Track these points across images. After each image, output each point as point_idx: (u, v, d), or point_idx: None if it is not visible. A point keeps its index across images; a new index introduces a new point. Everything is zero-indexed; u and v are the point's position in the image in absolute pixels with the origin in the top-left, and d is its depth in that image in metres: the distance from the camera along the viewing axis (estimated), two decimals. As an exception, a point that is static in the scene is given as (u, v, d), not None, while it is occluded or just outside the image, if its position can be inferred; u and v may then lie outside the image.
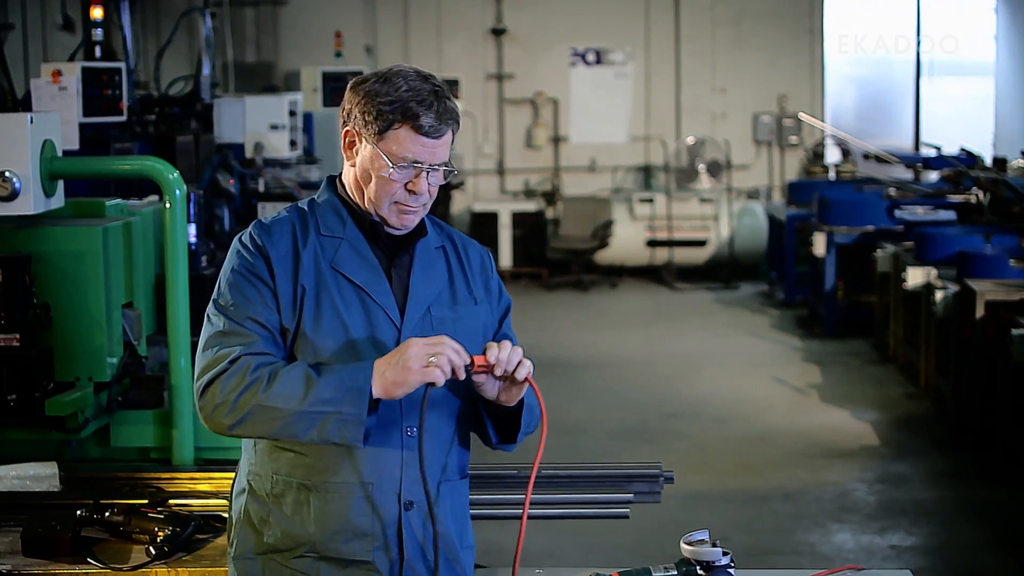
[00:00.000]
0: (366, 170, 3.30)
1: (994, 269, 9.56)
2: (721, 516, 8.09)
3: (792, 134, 18.53)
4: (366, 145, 3.29)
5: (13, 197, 4.48)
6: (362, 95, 3.28)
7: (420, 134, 3.25)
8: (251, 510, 3.32)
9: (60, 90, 5.88)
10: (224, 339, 3.22)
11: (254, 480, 3.33)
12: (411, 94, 3.25)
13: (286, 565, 3.27)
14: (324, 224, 3.34)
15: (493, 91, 18.74)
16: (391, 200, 3.30)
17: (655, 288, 17.49)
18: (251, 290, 3.25)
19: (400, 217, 3.32)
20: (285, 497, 3.28)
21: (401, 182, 3.28)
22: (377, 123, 3.25)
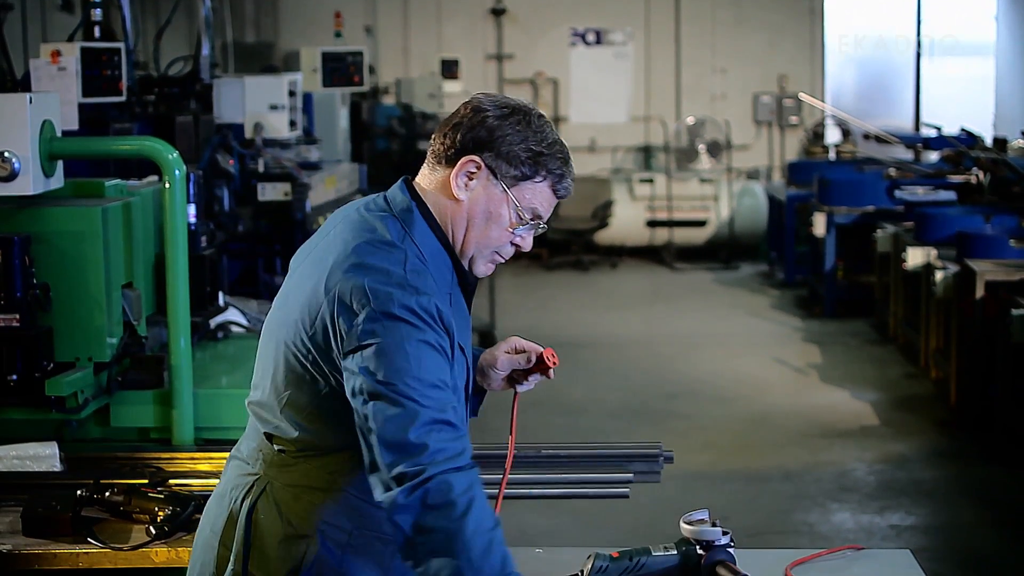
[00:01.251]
0: (486, 212, 3.05)
1: (994, 249, 9.56)
2: (721, 496, 8.10)
3: (792, 114, 18.52)
4: (495, 187, 3.04)
5: (12, 177, 4.47)
6: (506, 128, 3.02)
7: (556, 195, 3.10)
8: (322, 561, 3.03)
9: (59, 70, 5.86)
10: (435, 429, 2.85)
11: (328, 530, 3.03)
12: (558, 148, 3.06)
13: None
14: (441, 277, 3.05)
15: (493, 71, 18.70)
16: (494, 250, 3.10)
17: (655, 268, 17.50)
18: (447, 373, 2.91)
19: (488, 267, 3.13)
20: (366, 549, 3.05)
21: (516, 236, 3.09)
22: (521, 170, 3.03)
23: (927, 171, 12.90)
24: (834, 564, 3.55)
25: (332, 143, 10.45)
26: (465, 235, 3.08)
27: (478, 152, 3.03)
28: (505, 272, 16.67)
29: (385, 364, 2.87)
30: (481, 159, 3.03)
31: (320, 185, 9.07)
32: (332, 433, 3.03)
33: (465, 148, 3.04)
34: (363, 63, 9.88)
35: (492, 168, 3.03)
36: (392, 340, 2.87)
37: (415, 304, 2.89)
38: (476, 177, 3.05)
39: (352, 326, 2.91)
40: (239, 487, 3.14)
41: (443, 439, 2.85)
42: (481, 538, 2.85)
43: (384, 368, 2.87)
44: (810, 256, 14.72)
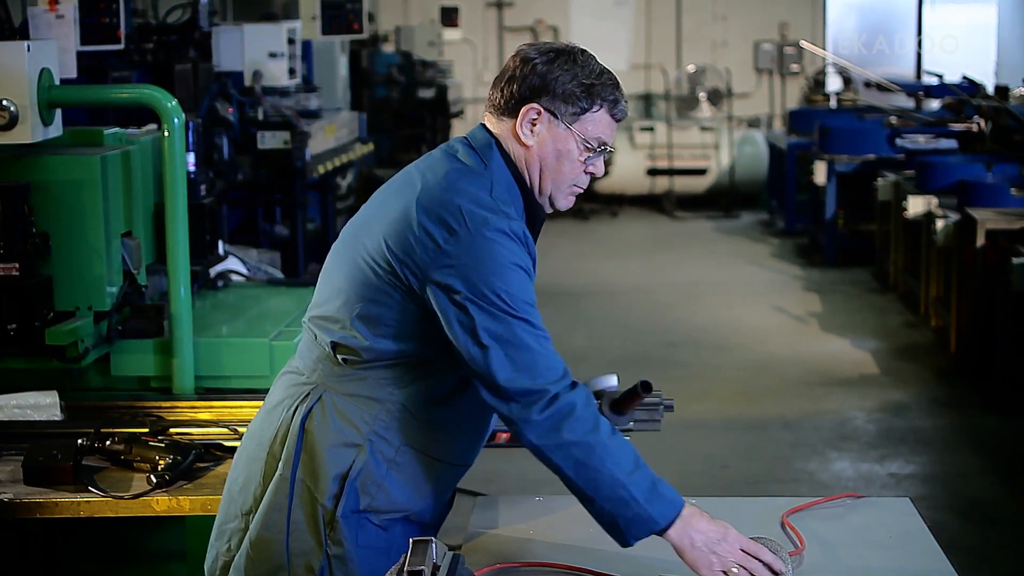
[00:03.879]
0: (555, 151, 3.22)
1: (995, 198, 9.54)
2: (721, 444, 8.13)
3: (793, 62, 18.46)
4: (558, 126, 3.21)
5: (11, 126, 4.46)
6: (555, 74, 3.20)
7: (615, 119, 3.26)
8: (367, 471, 3.19)
9: (57, 18, 5.83)
10: (549, 350, 3.10)
11: (377, 441, 3.20)
12: (607, 76, 3.25)
13: (374, 522, 3.23)
14: (516, 210, 3.23)
15: (493, 19, 18.65)
16: (573, 183, 3.27)
17: (655, 217, 17.49)
18: (533, 295, 3.14)
19: (569, 199, 3.31)
20: (408, 468, 3.23)
21: (587, 165, 3.26)
22: (579, 104, 3.20)
23: (928, 119, 12.86)
24: (833, 512, 3.56)
25: (331, 91, 10.43)
26: (541, 176, 3.26)
27: (535, 99, 3.21)
28: (505, 221, 16.64)
29: (487, 281, 3.07)
30: (540, 104, 3.21)
31: (319, 133, 9.06)
32: (400, 344, 3.18)
33: (523, 98, 3.22)
34: (362, 11, 9.84)
35: (551, 111, 3.21)
36: (491, 259, 3.08)
37: (507, 227, 3.10)
38: (539, 122, 3.22)
39: (449, 243, 3.09)
40: (292, 396, 3.30)
41: (550, 354, 3.10)
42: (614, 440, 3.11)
43: (487, 285, 3.07)
44: (811, 204, 14.71)
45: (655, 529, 3.09)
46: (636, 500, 3.07)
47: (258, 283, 5.99)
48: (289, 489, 3.24)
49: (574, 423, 3.06)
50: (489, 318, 3.06)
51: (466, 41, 18.09)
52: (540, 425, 3.06)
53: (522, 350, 3.06)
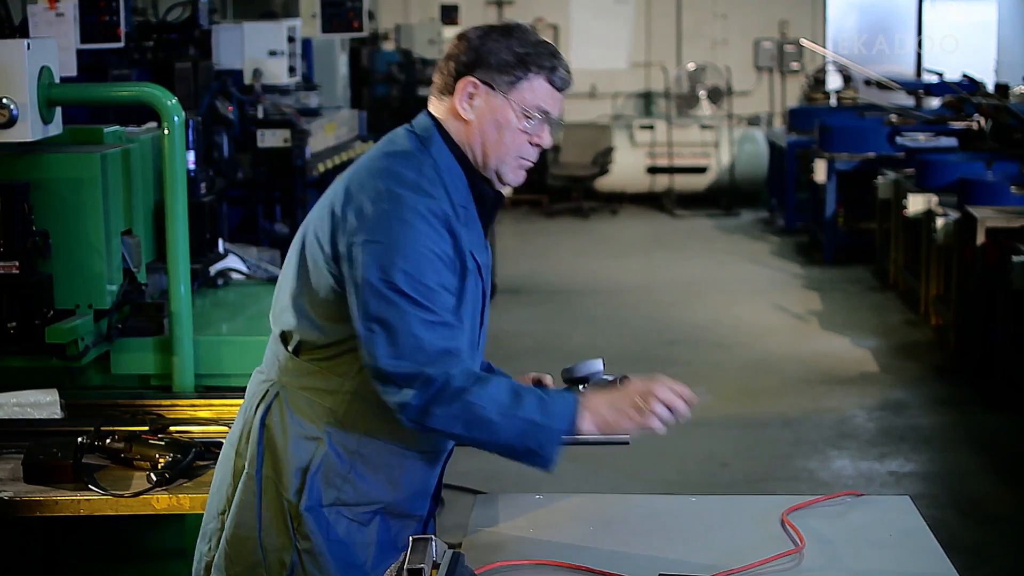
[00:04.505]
0: (495, 122, 3.21)
1: (995, 196, 9.54)
2: (721, 442, 8.12)
3: (793, 60, 18.46)
4: (495, 97, 3.21)
5: (11, 124, 4.46)
6: (488, 45, 3.21)
7: (554, 86, 3.24)
8: (329, 464, 3.21)
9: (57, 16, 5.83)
10: (434, 330, 3.06)
11: (334, 433, 3.22)
12: (543, 46, 3.24)
13: (348, 517, 3.23)
14: (454, 191, 3.21)
15: (493, 17, 18.64)
16: (517, 154, 3.25)
17: (655, 215, 17.49)
18: (447, 277, 3.12)
19: (517, 173, 3.29)
20: (374, 459, 3.24)
21: (531, 135, 3.24)
22: (513, 73, 3.20)
23: (928, 117, 12.86)
24: (833, 510, 3.56)
25: (331, 89, 10.42)
26: (483, 150, 3.24)
27: (471, 72, 3.22)
28: (505, 219, 16.66)
29: (390, 263, 3.06)
30: (475, 77, 3.22)
31: (319, 132, 9.05)
32: (342, 331, 3.18)
33: (459, 73, 3.23)
34: (362, 9, 9.84)
35: (487, 82, 3.21)
36: (398, 241, 3.07)
37: (424, 208, 3.10)
38: (477, 95, 3.23)
39: (362, 223, 3.11)
40: (255, 395, 3.34)
41: (440, 337, 3.06)
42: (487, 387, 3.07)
43: (382, 265, 3.07)
44: (811, 203, 14.71)
45: (565, 433, 3.11)
46: (534, 422, 3.08)
47: (258, 281, 5.98)
48: (256, 487, 3.27)
49: (450, 398, 3.05)
50: (381, 301, 3.06)
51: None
52: (417, 409, 3.06)
53: (406, 336, 3.05)
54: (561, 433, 3.10)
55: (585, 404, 3.13)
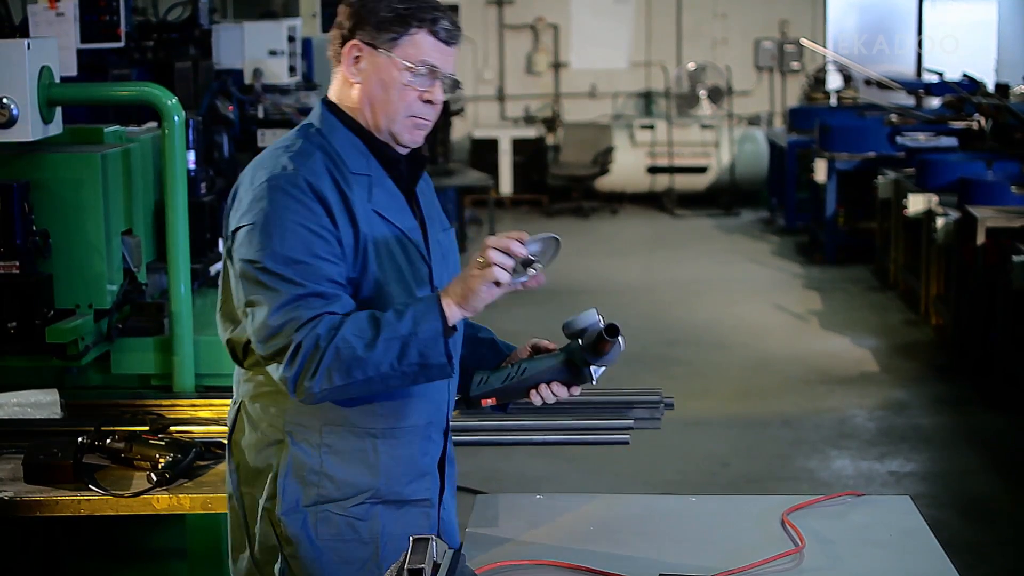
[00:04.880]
0: (381, 82, 3.15)
1: (995, 196, 9.54)
2: (721, 442, 8.13)
3: (793, 60, 18.46)
4: (379, 56, 3.14)
5: (11, 124, 4.46)
6: (369, 6, 3.15)
7: (437, 39, 3.16)
8: (297, 462, 3.16)
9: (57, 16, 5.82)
10: (303, 302, 3.00)
11: (296, 431, 3.16)
12: (426, 1, 3.16)
13: (341, 514, 3.17)
14: (350, 160, 3.15)
15: (493, 16, 18.64)
16: (407, 113, 3.17)
17: (656, 215, 17.49)
18: (320, 244, 3.04)
19: (413, 132, 3.20)
20: (342, 446, 3.16)
21: (419, 90, 3.15)
22: (393, 29, 3.12)
23: (929, 117, 12.86)
24: (833, 510, 3.56)
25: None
26: (373, 111, 3.19)
27: (353, 36, 3.18)
28: (505, 218, 16.67)
29: (251, 244, 3.05)
30: (358, 40, 3.17)
31: (320, 131, 9.03)
32: None
33: (344, 39, 3.20)
34: (363, 8, 9.81)
35: (369, 43, 3.16)
36: (264, 221, 3.04)
37: (286, 183, 3.05)
38: (362, 58, 3.18)
39: (235, 214, 3.13)
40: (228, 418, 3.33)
41: (311, 308, 2.99)
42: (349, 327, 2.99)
43: (251, 248, 3.05)
44: (811, 202, 14.71)
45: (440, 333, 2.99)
46: (401, 336, 2.98)
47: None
48: (239, 507, 3.26)
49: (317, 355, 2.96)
50: (252, 284, 3.05)
51: (466, 39, 18.07)
52: (294, 380, 2.99)
53: (275, 315, 3.00)
54: (433, 333, 2.99)
55: (443, 291, 3.04)
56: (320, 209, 3.05)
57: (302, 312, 2.99)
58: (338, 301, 3.03)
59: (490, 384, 3.25)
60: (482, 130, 18.16)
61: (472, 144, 17.93)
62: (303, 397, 3.03)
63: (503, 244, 3.00)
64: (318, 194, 3.06)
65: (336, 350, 2.96)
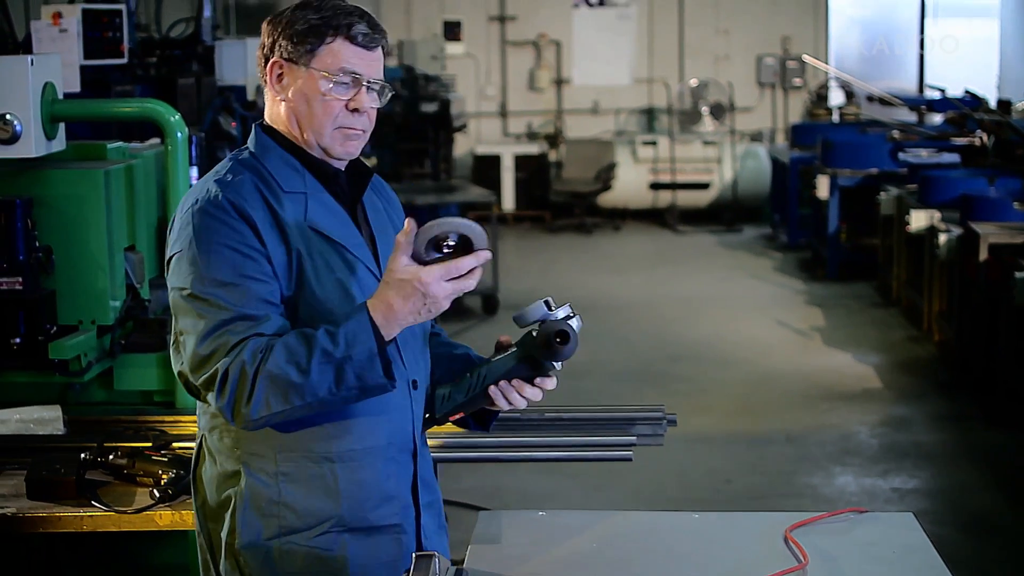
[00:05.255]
0: (303, 96, 3.10)
1: (998, 212, 9.55)
2: (724, 458, 8.12)
3: (796, 76, 18.48)
4: (298, 70, 3.09)
5: (14, 140, 4.47)
6: (285, 21, 3.10)
7: (356, 44, 3.09)
8: (255, 494, 3.09)
9: (60, 32, 5.84)
10: (230, 327, 2.95)
11: (251, 460, 3.09)
12: (338, 9, 3.09)
13: (306, 545, 3.09)
14: (283, 179, 3.10)
15: (495, 33, 18.67)
16: (334, 125, 3.10)
17: (658, 231, 17.49)
18: (248, 264, 2.98)
19: (345, 144, 3.13)
20: (299, 474, 3.09)
21: (342, 100, 3.09)
22: (308, 41, 3.07)
23: (931, 133, 12.87)
24: (836, 527, 3.55)
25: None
26: (300, 127, 3.14)
27: (273, 54, 3.14)
28: (508, 235, 16.67)
29: (180, 271, 3.02)
30: (278, 58, 3.12)
31: (322, 148, 9.03)
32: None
33: (267, 58, 3.15)
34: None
35: (288, 59, 3.11)
36: (185, 246, 3.01)
37: (209, 206, 3.01)
38: (285, 74, 3.13)
39: (168, 246, 3.10)
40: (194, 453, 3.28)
41: (237, 332, 2.95)
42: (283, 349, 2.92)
43: (179, 275, 3.02)
44: (813, 219, 14.71)
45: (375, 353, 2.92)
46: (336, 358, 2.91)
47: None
48: (205, 543, 3.22)
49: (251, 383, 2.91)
50: (180, 312, 3.03)
51: (469, 55, 18.12)
52: (230, 408, 2.95)
53: (203, 342, 2.96)
54: (367, 354, 2.92)
55: (376, 309, 2.94)
56: (246, 229, 3.00)
57: (228, 338, 2.94)
58: (266, 322, 2.97)
59: (453, 400, 3.17)
60: (484, 146, 18.17)
61: (474, 160, 17.94)
62: (243, 425, 2.98)
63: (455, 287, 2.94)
64: (243, 214, 3.01)
65: (270, 377, 2.91)
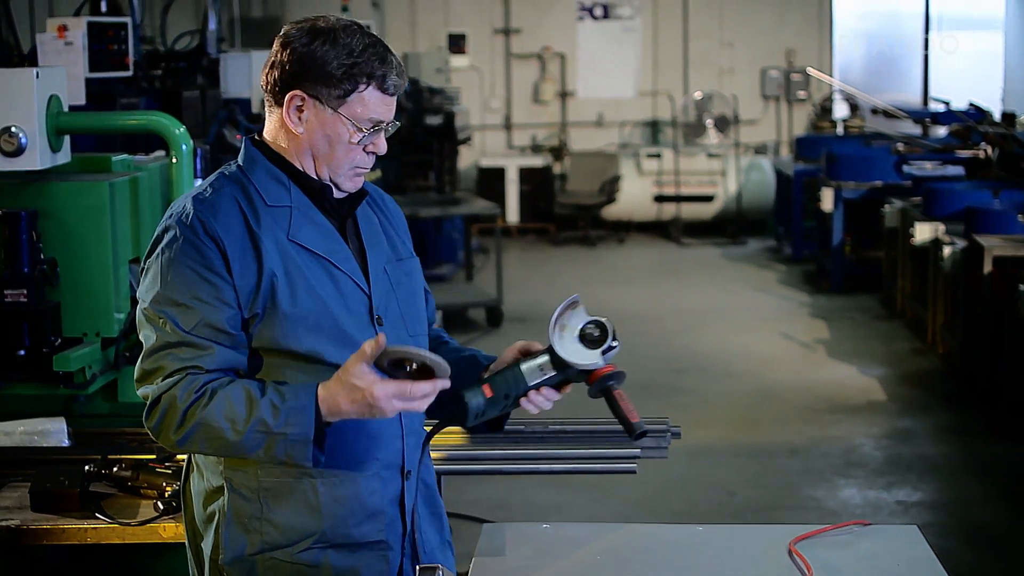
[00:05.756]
0: (325, 137, 3.07)
1: (1002, 224, 9.55)
2: (728, 471, 8.11)
3: (800, 89, 18.47)
4: (324, 111, 3.05)
5: (19, 152, 4.48)
6: (316, 53, 3.03)
7: (386, 94, 3.09)
8: (237, 509, 3.09)
9: (66, 45, 5.85)
10: (174, 351, 2.98)
11: (234, 476, 3.09)
12: (371, 51, 3.06)
13: (290, 561, 3.08)
14: (268, 194, 3.08)
15: (500, 46, 18.68)
16: (351, 165, 3.11)
17: (662, 243, 17.49)
18: (205, 289, 2.98)
19: (354, 180, 3.15)
20: (281, 489, 3.08)
21: (365, 146, 3.10)
22: (342, 87, 3.03)
23: (935, 146, 12.88)
24: (840, 539, 3.55)
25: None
26: (315, 162, 3.12)
27: (297, 85, 3.06)
28: (512, 247, 16.67)
29: (143, 286, 3.06)
30: (302, 91, 3.06)
31: (327, 160, 9.04)
32: None
33: (286, 85, 3.07)
34: (370, 38, 9.84)
35: (315, 96, 3.06)
36: (152, 262, 3.04)
37: (176, 223, 3.02)
38: (305, 108, 3.08)
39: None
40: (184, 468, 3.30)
41: (176, 359, 2.97)
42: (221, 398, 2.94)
43: (142, 290, 3.06)
44: (818, 231, 14.71)
45: (309, 440, 2.92)
46: (271, 433, 2.92)
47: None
48: (193, 559, 3.23)
49: (182, 420, 2.94)
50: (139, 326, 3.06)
51: (473, 68, 18.13)
52: (156, 432, 3.00)
53: (146, 360, 3.02)
54: (302, 438, 2.92)
55: (328, 402, 2.92)
56: (211, 251, 2.99)
57: (169, 362, 2.97)
58: (208, 355, 2.98)
59: (487, 415, 3.12)
60: (489, 159, 18.18)
61: (479, 173, 17.95)
62: (165, 447, 3.07)
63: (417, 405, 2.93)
64: (211, 235, 2.99)
65: (204, 425, 2.94)
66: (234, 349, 3.01)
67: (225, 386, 2.96)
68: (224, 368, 3.00)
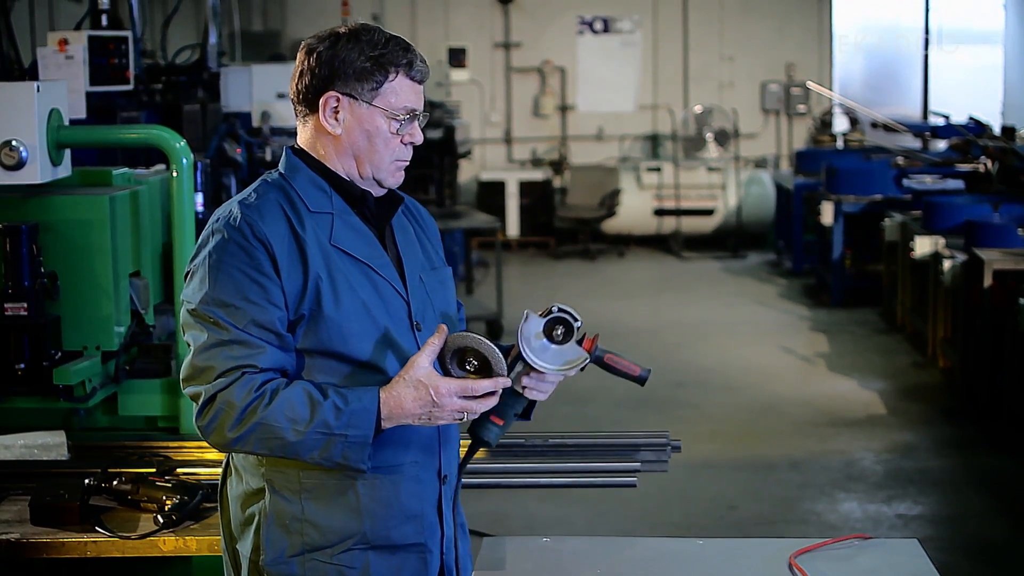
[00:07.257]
0: (364, 133, 3.13)
1: (1002, 238, 9.55)
2: (728, 485, 8.11)
3: (800, 103, 18.50)
4: (360, 107, 3.12)
5: (20, 166, 4.48)
6: (342, 53, 3.11)
7: (416, 81, 3.16)
8: (278, 511, 3.10)
9: (67, 59, 5.86)
10: (226, 349, 3.01)
11: (275, 477, 3.10)
12: (394, 42, 3.14)
13: (330, 562, 3.10)
14: (310, 200, 3.14)
15: (500, 60, 18.71)
16: (392, 158, 3.17)
17: (662, 257, 17.50)
18: (255, 290, 3.02)
19: (396, 175, 3.21)
20: (322, 491, 3.09)
21: (403, 136, 3.16)
22: (373, 79, 3.11)
23: (935, 160, 12.89)
24: (841, 553, 3.55)
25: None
26: (357, 162, 3.17)
27: (330, 87, 3.13)
28: (512, 261, 16.68)
29: (190, 288, 3.08)
30: (336, 91, 3.13)
31: (327, 174, 9.05)
32: None
33: (319, 89, 3.14)
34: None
35: (349, 93, 3.13)
36: (199, 264, 3.07)
37: (224, 226, 3.06)
38: (341, 108, 3.14)
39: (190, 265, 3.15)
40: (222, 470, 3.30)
41: (229, 357, 3.00)
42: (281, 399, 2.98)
43: (188, 290, 3.08)
44: (818, 245, 14.72)
45: (368, 441, 2.98)
46: (333, 434, 2.97)
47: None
48: (230, 561, 3.24)
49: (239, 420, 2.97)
50: (186, 326, 3.08)
51: (474, 82, 18.15)
52: (209, 432, 3.02)
53: (197, 358, 3.03)
54: (362, 440, 2.98)
55: (390, 403, 2.99)
56: (260, 253, 3.04)
57: (221, 361, 3.00)
58: (261, 354, 3.01)
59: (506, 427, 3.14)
60: (489, 172, 18.20)
61: (479, 186, 17.96)
62: (214, 446, 3.06)
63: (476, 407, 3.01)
64: (260, 237, 3.04)
65: (264, 426, 2.97)
66: (283, 350, 3.05)
67: (284, 387, 3.00)
68: (275, 368, 3.04)
